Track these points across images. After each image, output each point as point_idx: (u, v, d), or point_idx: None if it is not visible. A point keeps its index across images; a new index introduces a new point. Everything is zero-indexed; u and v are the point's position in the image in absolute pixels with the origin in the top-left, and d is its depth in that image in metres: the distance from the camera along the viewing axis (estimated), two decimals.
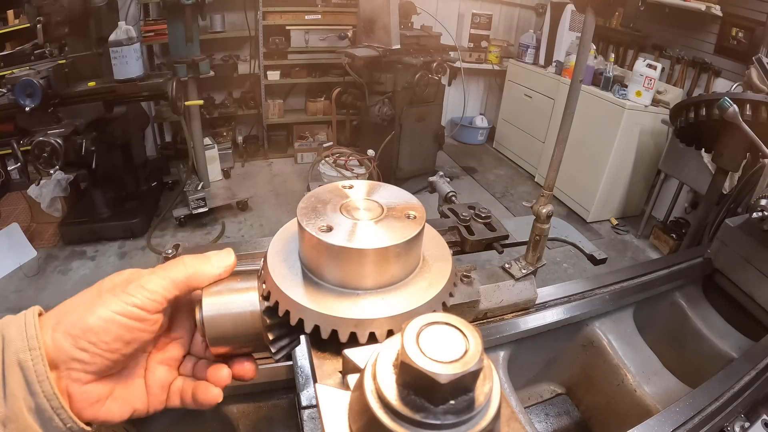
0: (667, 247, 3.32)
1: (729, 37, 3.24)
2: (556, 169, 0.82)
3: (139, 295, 0.40)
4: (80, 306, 0.40)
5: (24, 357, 0.36)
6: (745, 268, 1.06)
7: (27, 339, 0.36)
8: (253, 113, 4.37)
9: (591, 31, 0.74)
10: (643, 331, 1.03)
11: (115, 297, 0.39)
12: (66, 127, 2.26)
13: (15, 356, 0.36)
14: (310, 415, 0.57)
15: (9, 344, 0.36)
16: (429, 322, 0.30)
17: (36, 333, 0.37)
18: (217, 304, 0.44)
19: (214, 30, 3.92)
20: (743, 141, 1.66)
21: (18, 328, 0.37)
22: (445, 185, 1.15)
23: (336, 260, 0.40)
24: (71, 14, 2.49)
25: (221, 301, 0.45)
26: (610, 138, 3.48)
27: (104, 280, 0.43)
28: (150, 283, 0.41)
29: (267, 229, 3.41)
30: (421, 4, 3.84)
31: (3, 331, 0.37)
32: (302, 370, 0.66)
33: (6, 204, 3.39)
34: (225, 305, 0.44)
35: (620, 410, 0.93)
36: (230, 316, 0.44)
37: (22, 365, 0.36)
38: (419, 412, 0.27)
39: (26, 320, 0.38)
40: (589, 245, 0.98)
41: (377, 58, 3.39)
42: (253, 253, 0.74)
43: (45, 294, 2.65)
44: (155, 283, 0.41)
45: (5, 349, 0.36)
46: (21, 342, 0.36)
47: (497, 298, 0.87)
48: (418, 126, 3.74)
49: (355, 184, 0.48)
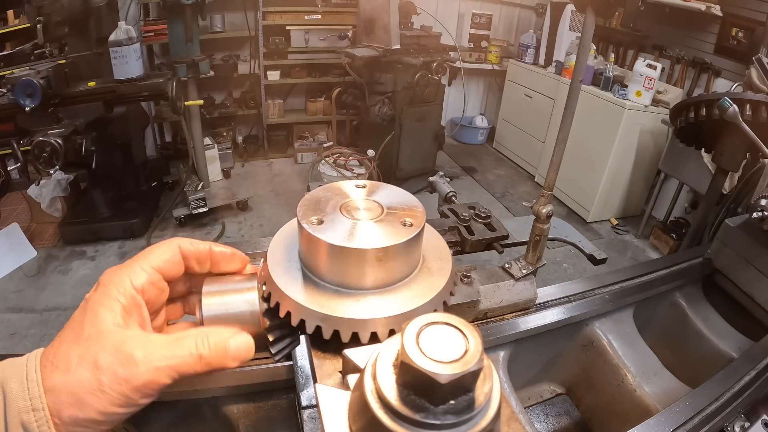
0: (667, 247, 3.32)
1: (729, 37, 3.24)
2: (556, 169, 0.82)
3: (148, 389, 0.36)
4: (80, 400, 0.35)
5: (28, 418, 0.34)
6: (745, 268, 1.06)
7: (30, 399, 0.34)
8: (253, 113, 4.37)
9: (591, 31, 0.74)
10: (643, 331, 1.03)
11: (122, 396, 0.36)
12: (66, 127, 2.26)
13: (18, 417, 0.34)
14: (310, 415, 0.57)
15: (11, 403, 0.34)
16: (429, 322, 0.30)
17: (39, 393, 0.34)
18: (217, 304, 0.44)
19: (214, 30, 3.92)
20: (743, 141, 1.66)
21: (20, 384, 0.35)
22: (445, 185, 1.15)
23: (336, 260, 0.40)
24: (71, 14, 2.49)
25: (221, 301, 0.45)
26: (610, 138, 3.48)
27: (99, 352, 0.36)
28: (160, 373, 0.37)
29: (267, 229, 3.41)
30: (421, 4, 3.84)
31: (4, 387, 0.35)
32: (302, 370, 0.66)
33: (6, 204, 3.39)
34: (225, 305, 0.45)
35: (620, 410, 0.93)
36: (230, 316, 0.44)
37: (26, 426, 0.34)
38: (419, 412, 0.27)
39: (28, 375, 0.35)
40: (589, 245, 0.98)
41: (377, 58, 3.39)
42: (253, 253, 0.74)
43: (45, 294, 2.65)
44: (165, 373, 0.37)
45: (7, 409, 0.34)
46: (24, 402, 0.34)
47: (497, 298, 0.87)
48: (418, 126, 3.74)
49: (356, 184, 0.48)
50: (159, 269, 0.43)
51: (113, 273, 0.41)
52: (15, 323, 2.44)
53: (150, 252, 0.43)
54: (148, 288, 0.41)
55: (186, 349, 0.38)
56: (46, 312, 2.52)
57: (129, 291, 0.40)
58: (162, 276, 0.43)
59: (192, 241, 0.45)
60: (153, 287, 0.42)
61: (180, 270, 0.45)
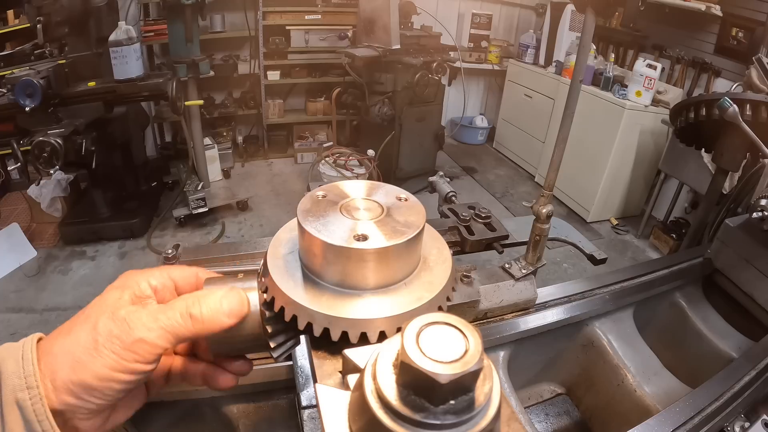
0: (667, 247, 3.32)
1: (729, 37, 3.24)
2: (556, 169, 0.82)
3: (141, 350, 0.37)
4: (76, 360, 0.36)
5: (22, 396, 0.34)
6: (745, 268, 1.06)
7: (25, 377, 0.35)
8: (253, 113, 4.37)
9: (591, 31, 0.74)
10: (643, 331, 1.03)
11: (114, 355, 0.37)
12: (66, 127, 2.26)
13: (13, 395, 0.34)
14: (310, 415, 0.57)
15: (6, 381, 0.35)
16: (429, 322, 0.30)
17: (34, 371, 0.35)
18: None
19: (214, 30, 3.92)
20: (743, 141, 1.66)
21: (15, 363, 0.35)
22: (445, 185, 1.15)
23: (336, 260, 0.40)
24: (71, 14, 2.49)
25: None
26: (610, 138, 3.48)
27: (99, 316, 0.38)
28: (151, 334, 0.38)
29: (267, 229, 3.41)
30: (421, 4, 3.83)
31: (0, 366, 0.35)
32: (302, 370, 0.66)
33: (6, 204, 3.39)
34: None
35: (620, 410, 0.93)
36: None
37: (20, 404, 0.34)
38: (419, 412, 0.27)
39: (24, 354, 0.36)
40: (589, 245, 0.98)
41: (377, 58, 3.39)
42: (253, 253, 0.74)
43: (45, 294, 2.65)
44: (156, 334, 0.38)
45: (3, 386, 0.35)
46: (18, 380, 0.35)
47: (497, 298, 0.87)
48: (418, 126, 3.74)
49: (356, 184, 0.48)
50: (175, 280, 0.45)
51: (132, 273, 0.43)
52: (15, 323, 2.44)
53: (170, 266, 0.46)
54: (162, 289, 0.43)
55: (177, 309, 0.39)
56: (46, 312, 2.52)
57: (143, 284, 0.42)
58: (175, 287, 0.45)
59: (183, 267, 0.47)
60: (166, 290, 0.44)
61: (173, 294, 0.45)
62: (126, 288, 0.41)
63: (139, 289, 0.41)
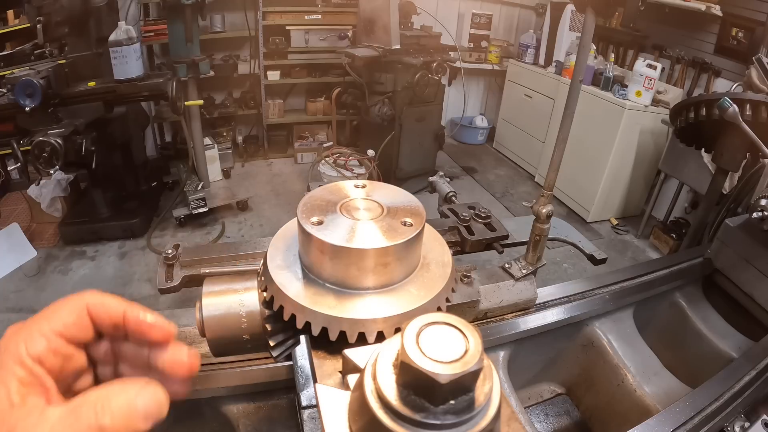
0: (667, 247, 3.32)
1: (729, 37, 3.24)
2: (556, 169, 0.82)
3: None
4: None
5: None
6: (745, 268, 1.06)
7: None
8: (253, 113, 4.37)
9: (591, 31, 0.74)
10: (643, 331, 1.03)
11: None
12: (66, 127, 2.26)
13: None
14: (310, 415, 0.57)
15: None
16: (429, 322, 0.30)
17: None
18: (217, 304, 0.44)
19: (214, 30, 3.92)
20: (743, 141, 1.66)
21: None
22: (445, 185, 1.15)
23: (336, 260, 0.40)
24: (71, 14, 2.49)
25: (221, 301, 0.45)
26: (610, 138, 3.48)
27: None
28: None
29: (267, 229, 3.41)
30: (421, 4, 3.83)
31: None
32: (302, 370, 0.65)
33: (6, 204, 3.39)
34: (225, 306, 0.45)
35: (620, 410, 0.93)
36: (230, 316, 0.44)
37: None
38: (419, 412, 0.27)
39: None
40: (589, 245, 0.98)
41: (377, 58, 3.39)
42: (253, 253, 0.74)
43: (45, 294, 2.65)
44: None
45: None
46: None
47: (497, 298, 0.87)
48: (418, 126, 3.74)
49: (356, 184, 0.48)
50: (61, 334, 0.36)
51: (10, 338, 0.35)
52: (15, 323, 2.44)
53: (52, 312, 0.37)
54: (48, 356, 0.35)
55: (84, 421, 0.32)
56: None
57: (25, 361, 0.34)
58: (66, 340, 0.37)
59: (105, 301, 0.39)
60: (54, 355, 0.35)
61: (88, 334, 0.38)
62: (6, 370, 0.33)
63: (22, 367, 0.33)
